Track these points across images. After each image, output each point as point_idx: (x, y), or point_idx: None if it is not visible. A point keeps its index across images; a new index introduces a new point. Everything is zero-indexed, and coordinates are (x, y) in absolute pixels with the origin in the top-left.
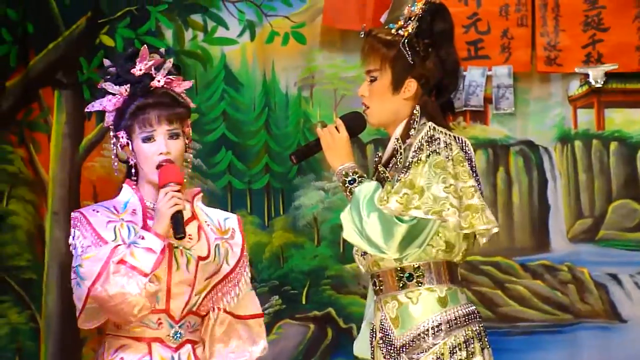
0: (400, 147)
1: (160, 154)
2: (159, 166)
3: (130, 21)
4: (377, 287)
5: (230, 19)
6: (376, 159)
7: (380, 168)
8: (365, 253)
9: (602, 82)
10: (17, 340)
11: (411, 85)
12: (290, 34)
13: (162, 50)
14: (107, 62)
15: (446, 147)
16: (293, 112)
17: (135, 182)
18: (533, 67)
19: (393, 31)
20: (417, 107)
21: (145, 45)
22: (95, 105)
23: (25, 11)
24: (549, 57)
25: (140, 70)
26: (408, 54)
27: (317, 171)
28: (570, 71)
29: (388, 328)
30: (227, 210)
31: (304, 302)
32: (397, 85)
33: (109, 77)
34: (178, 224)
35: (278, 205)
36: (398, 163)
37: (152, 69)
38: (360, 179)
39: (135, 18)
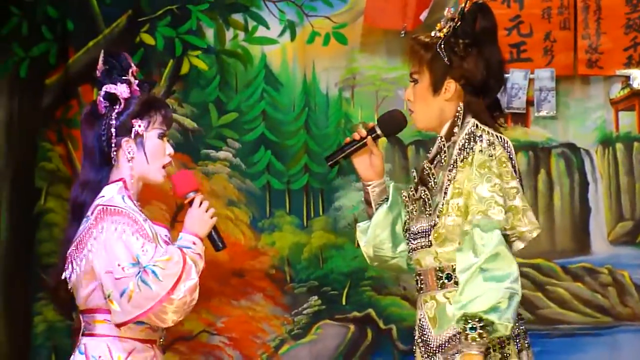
0: (444, 145)
1: (169, 154)
2: (165, 166)
3: (171, 20)
4: (419, 286)
5: (271, 19)
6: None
7: (427, 165)
8: (412, 250)
9: None
10: (53, 338)
11: (450, 86)
12: (332, 35)
13: None
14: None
15: (489, 145)
16: (333, 112)
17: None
18: (575, 69)
19: (432, 33)
20: (461, 105)
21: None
22: (111, 88)
23: (65, 9)
24: (590, 59)
25: (135, 78)
26: (444, 55)
27: None
28: (612, 74)
29: (426, 327)
30: (266, 210)
31: (343, 302)
32: (436, 86)
33: (112, 68)
34: (219, 236)
35: (317, 205)
36: (443, 161)
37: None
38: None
39: (176, 17)
